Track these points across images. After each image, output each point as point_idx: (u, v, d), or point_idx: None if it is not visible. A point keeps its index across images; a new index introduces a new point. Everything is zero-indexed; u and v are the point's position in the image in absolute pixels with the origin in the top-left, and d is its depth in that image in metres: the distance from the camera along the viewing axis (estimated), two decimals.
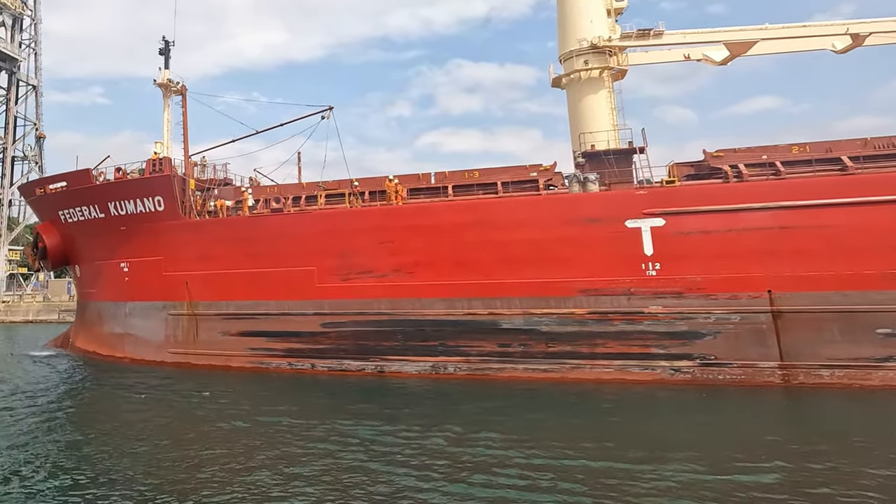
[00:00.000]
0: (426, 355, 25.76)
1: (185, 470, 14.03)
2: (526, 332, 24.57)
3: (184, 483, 13.07)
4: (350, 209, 28.86)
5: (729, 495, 11.44)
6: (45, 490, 12.88)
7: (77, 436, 17.50)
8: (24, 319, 55.48)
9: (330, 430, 17.09)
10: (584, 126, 29.08)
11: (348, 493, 12.14)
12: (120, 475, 13.75)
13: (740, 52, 28.25)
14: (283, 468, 13.77)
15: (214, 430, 17.86)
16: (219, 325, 30.00)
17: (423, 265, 26.22)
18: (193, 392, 23.61)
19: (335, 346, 27.29)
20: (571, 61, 30.01)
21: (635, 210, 23.76)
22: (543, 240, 24.54)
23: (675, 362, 22.69)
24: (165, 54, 37.26)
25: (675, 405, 19.88)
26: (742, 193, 23.14)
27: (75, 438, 17.20)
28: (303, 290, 28.17)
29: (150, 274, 32.43)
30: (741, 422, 17.54)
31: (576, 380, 23.25)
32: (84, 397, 24.43)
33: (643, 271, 23.46)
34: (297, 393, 24.07)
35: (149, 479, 13.41)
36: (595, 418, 18.29)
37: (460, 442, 15.58)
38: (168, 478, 13.45)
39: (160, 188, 31.64)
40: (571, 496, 11.59)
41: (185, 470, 14.03)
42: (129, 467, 14.30)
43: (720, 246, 22.68)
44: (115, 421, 19.50)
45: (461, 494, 11.91)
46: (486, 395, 21.77)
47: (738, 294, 22.39)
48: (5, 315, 60.76)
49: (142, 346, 32.43)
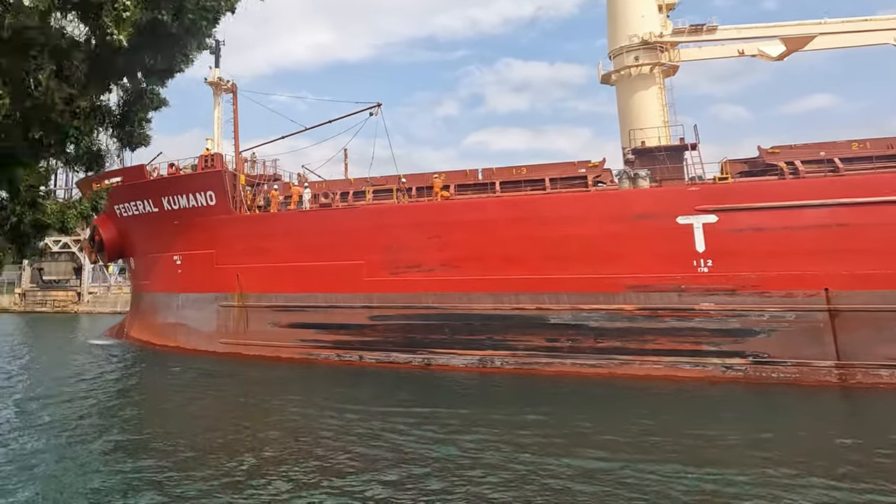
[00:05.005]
0: (473, 349, 26.05)
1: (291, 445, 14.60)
2: (574, 327, 24.66)
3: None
4: (398, 204, 29.34)
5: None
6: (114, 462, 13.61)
7: (139, 411, 18.32)
8: (112, 311, 57.18)
9: (452, 414, 17.60)
10: (634, 123, 28.98)
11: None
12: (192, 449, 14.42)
13: (797, 48, 27.75)
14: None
15: (315, 423, 18.37)
16: (268, 316, 30.81)
17: (471, 260, 26.50)
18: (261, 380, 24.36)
19: (383, 339, 27.77)
20: (622, 57, 29.90)
21: (687, 206, 23.62)
22: (592, 236, 24.58)
23: (727, 360, 22.52)
24: (216, 54, 38.38)
25: (735, 403, 19.71)
26: (798, 190, 22.82)
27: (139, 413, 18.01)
28: (351, 284, 28.73)
29: (202, 266, 33.46)
30: (803, 424, 17.30)
31: (625, 375, 23.26)
32: (144, 380, 25.49)
33: (695, 268, 23.33)
34: (375, 384, 23.96)
35: (238, 455, 14.03)
36: (664, 415, 18.01)
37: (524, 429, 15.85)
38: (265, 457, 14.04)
39: (212, 183, 32.60)
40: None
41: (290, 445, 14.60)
42: (200, 444, 14.97)
43: (775, 243, 22.41)
44: (174, 402, 20.34)
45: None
46: (548, 390, 21.96)
47: (793, 292, 22.11)
48: (93, 306, 63.07)
49: (194, 336, 33.47)
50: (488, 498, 11.44)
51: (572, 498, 11.38)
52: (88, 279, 64.90)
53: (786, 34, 27.17)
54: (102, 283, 65.50)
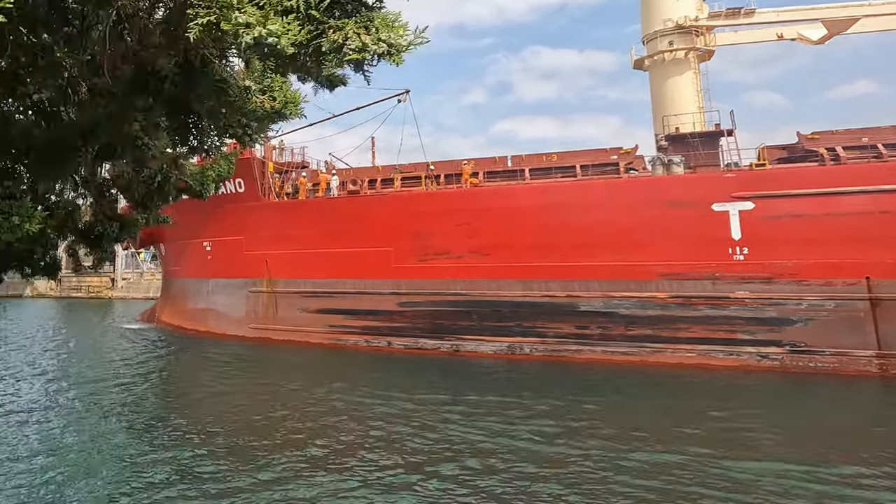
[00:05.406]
0: (502, 336, 25.99)
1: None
2: (605, 314, 24.45)
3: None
4: (427, 191, 29.32)
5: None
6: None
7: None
8: (145, 296, 58.37)
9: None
10: (667, 109, 28.47)
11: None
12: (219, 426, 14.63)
13: (839, 31, 26.91)
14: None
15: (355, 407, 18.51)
16: (297, 302, 31.10)
17: (500, 247, 26.40)
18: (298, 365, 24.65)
19: (411, 325, 27.85)
20: (655, 42, 29.38)
21: (723, 193, 23.19)
22: (624, 223, 24.29)
23: (763, 348, 22.13)
24: None
25: (780, 392, 19.37)
26: (840, 176, 22.24)
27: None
28: (379, 270, 28.84)
29: (232, 252, 33.90)
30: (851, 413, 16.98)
31: (656, 364, 23.02)
32: (183, 362, 26.03)
33: (730, 255, 22.93)
34: (411, 370, 23.84)
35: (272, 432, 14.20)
36: (729, 404, 17.55)
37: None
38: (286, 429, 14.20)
39: (241, 171, 32.79)
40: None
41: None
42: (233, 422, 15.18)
43: (814, 230, 21.90)
44: (215, 385, 20.69)
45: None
46: (580, 377, 21.83)
47: (832, 280, 21.61)
48: (126, 292, 64.52)
49: (224, 322, 33.97)
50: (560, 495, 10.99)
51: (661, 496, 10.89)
52: (122, 265, 66.17)
53: (828, 17, 26.33)
54: (135, 270, 66.70)
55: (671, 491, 10.89)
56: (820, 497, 10.57)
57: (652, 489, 10.96)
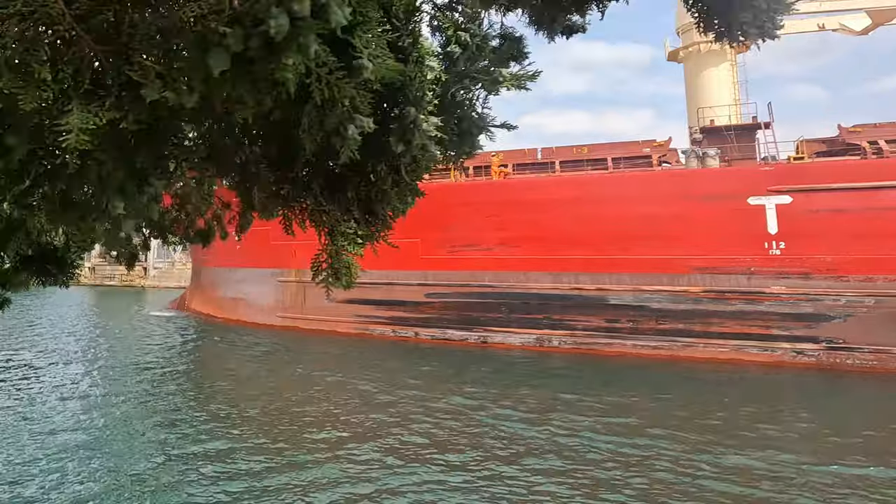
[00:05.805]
0: (530, 328, 25.91)
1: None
2: (635, 308, 24.22)
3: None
4: (456, 183, 29.30)
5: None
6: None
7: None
8: (176, 285, 59.49)
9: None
10: (702, 101, 28.00)
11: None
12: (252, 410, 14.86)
13: (885, 21, 26.12)
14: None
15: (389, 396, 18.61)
16: (325, 291, 31.27)
17: (530, 240, 26.29)
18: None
19: (439, 316, 27.91)
20: (690, 33, 28.83)
21: (759, 187, 22.76)
22: (656, 216, 23.98)
23: (799, 345, 21.71)
24: None
25: (826, 390, 18.96)
26: (882, 170, 21.67)
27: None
28: (407, 261, 28.85)
29: (261, 243, 34.19)
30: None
31: (687, 358, 22.72)
32: (218, 349, 26.52)
33: (766, 250, 22.52)
34: (447, 361, 23.43)
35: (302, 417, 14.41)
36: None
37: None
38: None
39: None
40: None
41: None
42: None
43: (855, 226, 21.38)
44: (252, 372, 21.05)
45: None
46: (627, 372, 21.66)
47: (873, 276, 21.10)
48: (158, 281, 65.93)
49: (253, 310, 34.43)
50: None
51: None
52: (154, 255, 67.44)
53: (873, 6, 25.56)
54: (167, 259, 67.91)
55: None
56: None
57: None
